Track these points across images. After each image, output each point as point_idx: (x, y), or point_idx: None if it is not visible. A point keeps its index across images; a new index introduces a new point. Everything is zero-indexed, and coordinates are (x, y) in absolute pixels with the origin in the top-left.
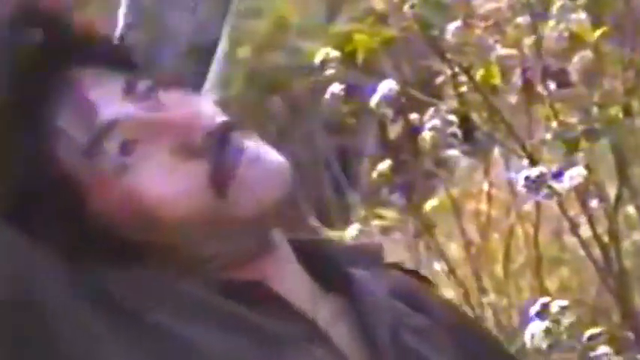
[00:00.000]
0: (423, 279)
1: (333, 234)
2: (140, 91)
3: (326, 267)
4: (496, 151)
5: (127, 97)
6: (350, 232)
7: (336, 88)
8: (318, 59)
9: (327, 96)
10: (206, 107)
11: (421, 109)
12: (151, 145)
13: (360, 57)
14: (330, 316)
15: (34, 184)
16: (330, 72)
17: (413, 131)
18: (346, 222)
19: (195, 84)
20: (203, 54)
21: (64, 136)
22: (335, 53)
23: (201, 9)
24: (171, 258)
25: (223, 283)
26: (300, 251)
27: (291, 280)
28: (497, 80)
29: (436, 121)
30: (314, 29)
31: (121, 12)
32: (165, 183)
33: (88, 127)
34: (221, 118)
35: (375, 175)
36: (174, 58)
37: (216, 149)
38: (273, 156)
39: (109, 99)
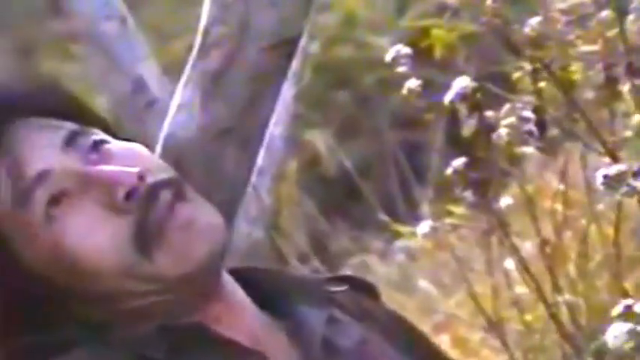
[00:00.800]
0: (371, 291)
1: (402, 229)
2: (82, 142)
3: (272, 298)
4: (569, 148)
5: (65, 148)
6: (422, 229)
7: (413, 83)
8: (389, 56)
9: (403, 91)
10: (146, 164)
11: (494, 105)
12: (82, 196)
13: (437, 52)
14: (279, 347)
15: None
16: (401, 69)
17: (487, 128)
18: (414, 217)
19: (278, 79)
20: (286, 49)
21: None
22: (407, 50)
23: (285, 4)
24: (110, 308)
25: (165, 327)
26: (247, 280)
27: (242, 320)
28: (578, 76)
29: (512, 119)
30: (383, 23)
31: (204, 7)
32: (90, 234)
33: (16, 179)
34: (157, 176)
35: (449, 171)
36: (258, 53)
37: (140, 208)
38: (206, 218)
39: (46, 150)
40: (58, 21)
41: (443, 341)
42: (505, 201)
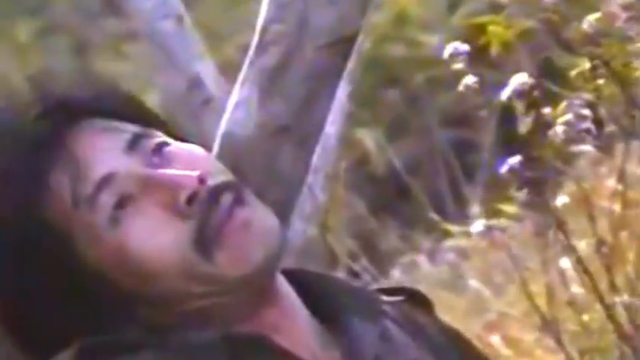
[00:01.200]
0: (425, 304)
1: (451, 228)
2: (145, 145)
3: (324, 304)
4: (627, 146)
5: (129, 151)
6: (475, 228)
7: (469, 80)
8: (447, 52)
9: (460, 88)
10: (206, 167)
11: (549, 102)
12: (144, 199)
13: (494, 49)
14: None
15: (24, 242)
16: (458, 65)
17: (544, 126)
18: (463, 216)
19: (335, 78)
20: (343, 47)
21: (53, 193)
22: (464, 47)
23: (343, 2)
24: (171, 310)
25: (227, 336)
26: (299, 283)
27: (297, 328)
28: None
29: (569, 116)
30: (434, 21)
31: (262, 5)
32: (152, 236)
33: (80, 182)
34: (217, 178)
35: (504, 169)
36: (315, 51)
37: (202, 212)
38: (262, 220)
39: (110, 153)
40: (114, 20)
41: (494, 341)
42: (561, 200)
